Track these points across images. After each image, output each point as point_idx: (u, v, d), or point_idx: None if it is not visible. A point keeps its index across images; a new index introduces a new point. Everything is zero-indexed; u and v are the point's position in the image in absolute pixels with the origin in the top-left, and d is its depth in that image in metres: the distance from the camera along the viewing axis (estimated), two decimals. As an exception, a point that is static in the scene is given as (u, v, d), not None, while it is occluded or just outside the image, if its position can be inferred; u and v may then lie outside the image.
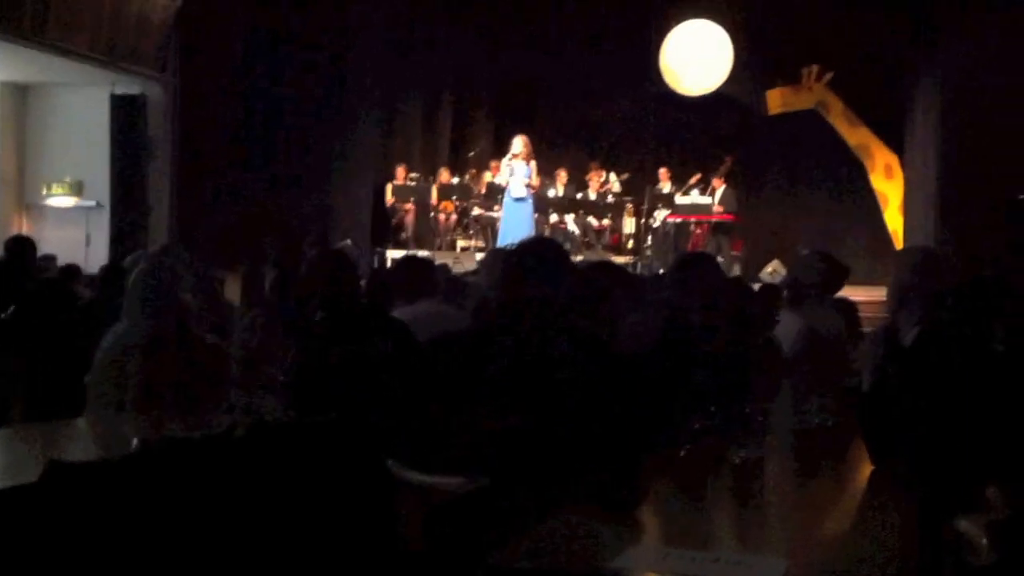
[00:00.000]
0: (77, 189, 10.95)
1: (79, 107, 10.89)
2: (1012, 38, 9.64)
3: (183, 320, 3.65)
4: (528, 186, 11.44)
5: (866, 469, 2.64)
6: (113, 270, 5.06)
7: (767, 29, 12.78)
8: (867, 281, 7.10)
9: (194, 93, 10.81)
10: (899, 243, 12.28)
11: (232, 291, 5.45)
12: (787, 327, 4.83)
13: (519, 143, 11.45)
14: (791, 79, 12.82)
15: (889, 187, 12.73)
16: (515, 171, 11.44)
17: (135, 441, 2.84)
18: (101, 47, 9.76)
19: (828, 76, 12.63)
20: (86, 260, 9.49)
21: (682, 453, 2.59)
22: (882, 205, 12.76)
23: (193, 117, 10.82)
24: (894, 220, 12.61)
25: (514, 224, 11.35)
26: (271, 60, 11.83)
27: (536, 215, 12.47)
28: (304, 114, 12.27)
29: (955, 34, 10.98)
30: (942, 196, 11.21)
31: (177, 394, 3.39)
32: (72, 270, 6.61)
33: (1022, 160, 9.51)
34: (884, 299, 3.06)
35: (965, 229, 10.26)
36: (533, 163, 11.50)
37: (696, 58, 13.24)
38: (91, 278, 6.31)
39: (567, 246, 12.14)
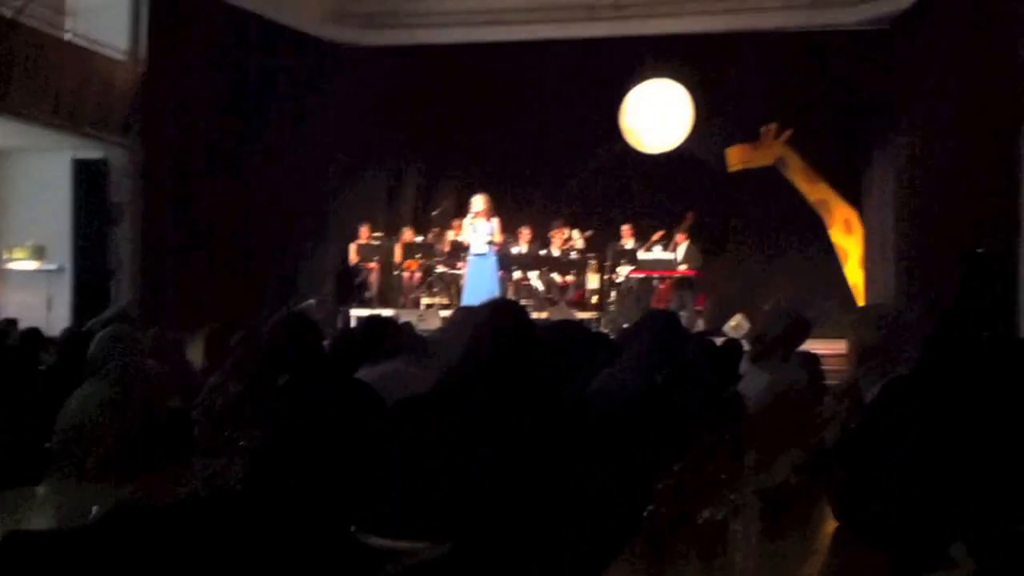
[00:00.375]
0: (39, 253, 10.88)
1: (41, 172, 10.89)
2: (967, 95, 9.87)
3: (146, 384, 3.62)
4: (491, 243, 11.53)
5: (831, 526, 2.65)
6: (75, 334, 5.00)
7: (726, 88, 13.06)
8: (830, 335, 7.16)
9: (158, 157, 10.83)
10: (860, 297, 12.44)
11: (196, 354, 5.40)
12: (751, 382, 4.86)
13: (480, 201, 11.63)
14: (751, 137, 13.05)
15: (849, 242, 12.92)
16: (477, 229, 11.55)
17: (95, 509, 2.80)
18: (64, 113, 9.79)
19: (787, 134, 12.87)
20: (48, 324, 9.38)
21: (645, 513, 2.58)
22: (842, 259, 12.93)
23: (156, 181, 10.82)
24: (854, 274, 12.79)
25: (478, 281, 11.43)
26: (234, 124, 11.88)
27: (500, 272, 12.52)
28: (268, 177, 12.33)
29: (912, 92, 11.26)
30: (901, 251, 11.40)
31: (140, 460, 3.34)
32: (33, 334, 6.52)
33: (980, 214, 9.68)
34: (847, 358, 3.09)
35: (924, 283, 10.41)
36: (495, 220, 11.63)
37: (657, 117, 13.48)
38: (53, 342, 6.23)
39: (531, 303, 12.21)
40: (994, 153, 9.43)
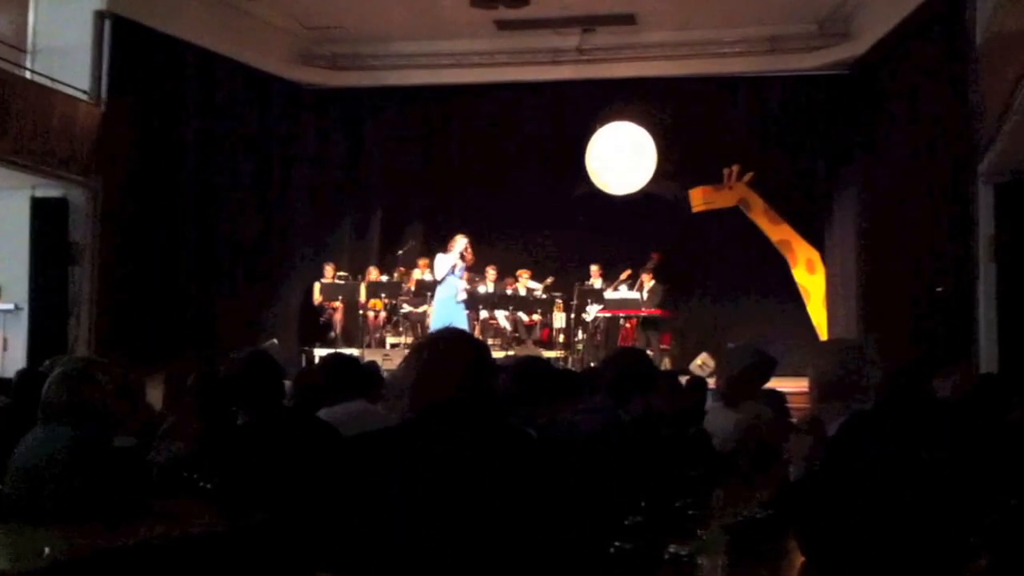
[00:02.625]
0: None
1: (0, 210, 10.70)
2: (923, 137, 10.05)
3: (101, 426, 3.54)
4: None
5: (797, 560, 2.63)
6: (29, 375, 4.89)
7: (688, 131, 13.22)
8: (794, 372, 7.19)
9: (118, 196, 10.73)
10: (823, 336, 12.54)
11: (154, 396, 5.31)
12: (718, 419, 4.86)
13: (465, 244, 11.75)
14: (713, 178, 13.19)
15: (811, 281, 13.04)
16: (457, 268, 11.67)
17: (46, 551, 2.72)
18: (24, 152, 9.70)
19: (749, 176, 13.02)
20: (3, 364, 9.26)
21: (612, 550, 2.56)
22: (805, 299, 13.05)
23: (116, 221, 10.72)
24: (817, 313, 12.90)
25: (452, 321, 11.42)
26: (197, 162, 11.83)
27: (468, 312, 12.52)
28: (230, 216, 12.30)
29: (870, 135, 11.46)
30: (862, 290, 11.53)
31: (95, 502, 3.26)
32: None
33: (938, 253, 9.82)
34: (809, 393, 3.10)
35: (884, 322, 10.53)
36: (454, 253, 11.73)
37: (620, 159, 13.60)
38: (7, 383, 6.10)
39: (497, 342, 12.19)
40: (950, 193, 9.60)
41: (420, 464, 2.34)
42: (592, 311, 12.70)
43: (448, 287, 11.80)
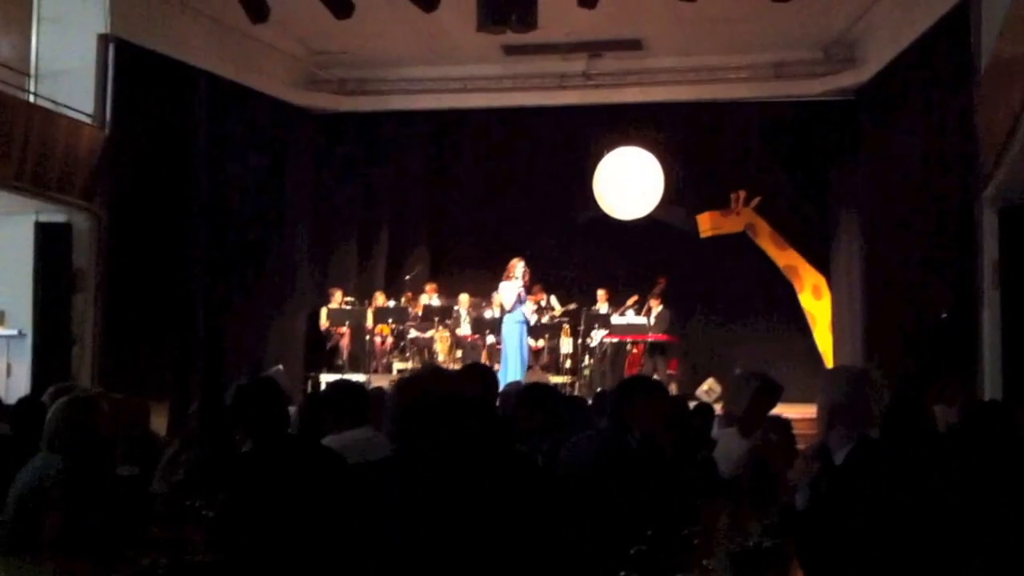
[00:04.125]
0: None
1: (2, 235, 10.56)
2: (928, 163, 10.05)
3: (102, 455, 3.52)
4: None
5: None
6: (30, 403, 4.88)
7: (695, 156, 13.25)
8: (800, 399, 7.16)
9: (122, 222, 10.64)
10: (829, 362, 12.49)
11: (159, 423, 5.30)
12: (725, 447, 4.83)
13: (523, 269, 11.62)
14: (720, 204, 13.20)
15: (817, 307, 13.02)
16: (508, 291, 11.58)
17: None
18: (27, 176, 9.58)
19: (756, 201, 13.03)
20: (6, 391, 9.14)
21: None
22: (811, 325, 13.01)
23: (121, 246, 10.61)
24: (823, 339, 12.86)
25: (520, 344, 11.53)
26: (201, 188, 11.75)
27: (475, 336, 12.50)
28: (235, 241, 12.24)
29: (875, 161, 11.46)
30: (866, 316, 11.49)
31: (96, 532, 3.24)
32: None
33: (943, 281, 9.79)
34: (816, 419, 3.07)
35: (889, 347, 10.48)
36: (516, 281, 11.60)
37: (628, 185, 13.60)
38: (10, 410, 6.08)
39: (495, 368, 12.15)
40: (954, 219, 9.58)
41: (423, 493, 2.32)
42: (597, 336, 12.67)
43: (516, 314, 11.62)
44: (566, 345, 12.98)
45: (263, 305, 12.58)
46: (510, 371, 11.33)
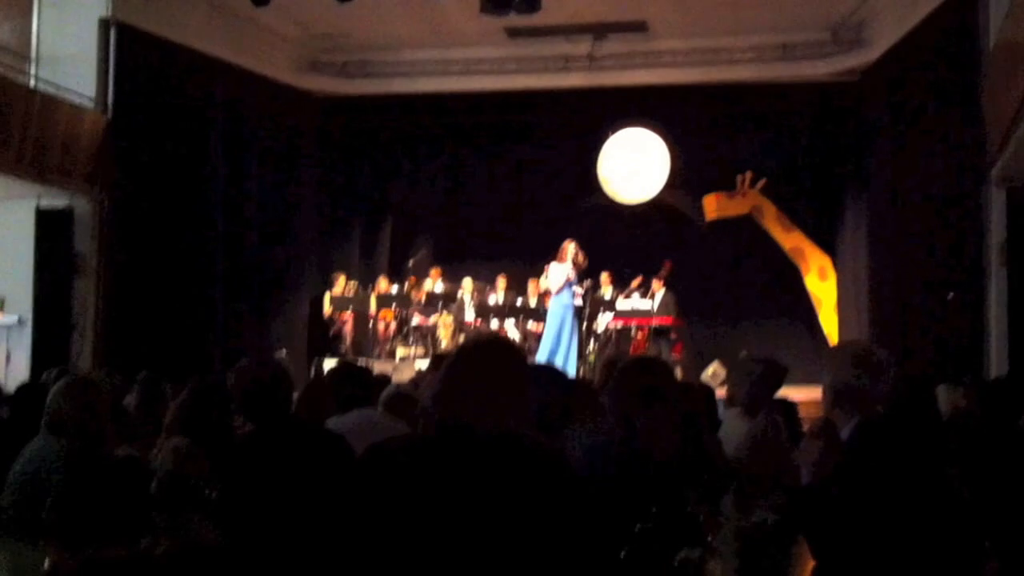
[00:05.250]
0: None
1: (3, 221, 10.54)
2: (935, 143, 9.99)
3: (100, 438, 3.50)
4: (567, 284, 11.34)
5: (809, 565, 2.59)
6: (30, 388, 4.87)
7: (701, 138, 13.16)
8: (806, 381, 7.13)
9: (123, 207, 10.58)
10: (834, 343, 12.44)
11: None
12: (733, 428, 4.80)
13: (576, 251, 11.43)
14: (726, 186, 13.13)
15: (823, 289, 12.97)
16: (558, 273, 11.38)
17: (47, 564, 2.69)
18: (27, 161, 9.54)
19: (762, 182, 12.97)
20: (6, 378, 9.09)
21: (622, 555, 2.51)
22: (816, 307, 12.97)
23: (122, 232, 10.56)
24: (829, 321, 12.81)
25: (566, 326, 11.35)
26: (203, 172, 11.71)
27: (479, 322, 12.46)
28: (237, 226, 12.18)
29: (882, 142, 11.39)
30: (873, 297, 11.45)
31: (95, 514, 3.22)
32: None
33: (949, 261, 9.74)
34: (821, 398, 3.04)
35: (895, 329, 10.45)
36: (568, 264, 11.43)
37: (632, 167, 13.52)
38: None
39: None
40: (961, 199, 9.53)
41: (432, 477, 2.28)
42: (603, 321, 12.64)
43: (563, 296, 11.44)
44: (569, 330, 12.92)
45: (267, 290, 12.56)
46: (550, 353, 11.18)
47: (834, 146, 12.81)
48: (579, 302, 11.60)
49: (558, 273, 11.47)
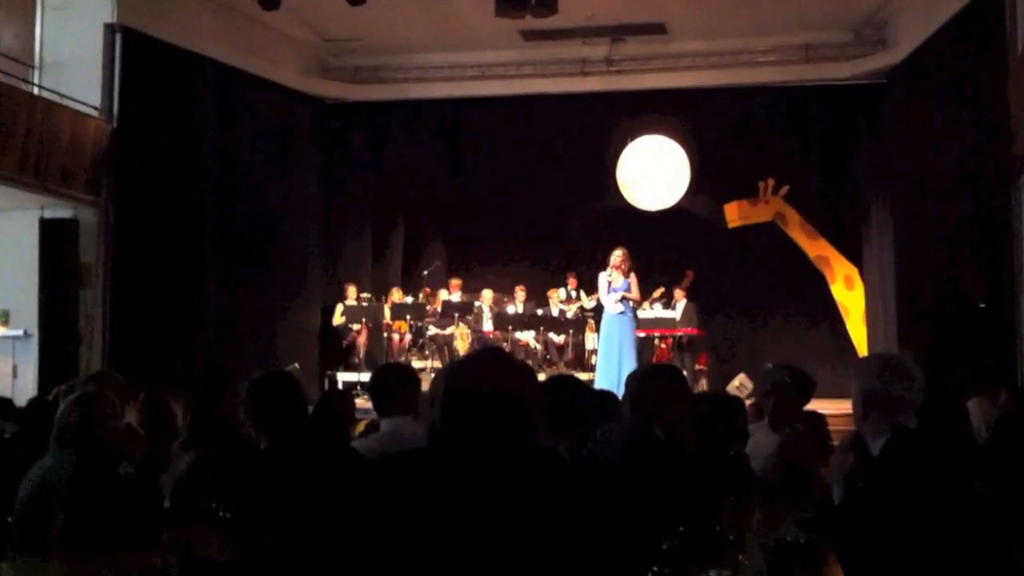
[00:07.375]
0: (3, 318, 10.47)
1: (6, 232, 10.42)
2: (962, 147, 9.81)
3: (111, 453, 3.44)
4: (624, 299, 10.69)
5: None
6: (39, 403, 4.83)
7: (722, 143, 12.93)
8: (834, 393, 6.97)
9: (129, 216, 10.43)
10: (863, 353, 12.24)
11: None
12: (759, 442, 4.69)
13: (618, 255, 10.82)
14: (748, 192, 12.95)
15: (850, 298, 12.76)
16: (612, 284, 10.69)
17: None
18: (30, 170, 9.40)
19: (784, 189, 12.79)
20: (13, 392, 8.93)
21: (650, 574, 2.43)
22: (844, 316, 12.76)
23: (128, 241, 10.40)
24: (857, 331, 12.60)
25: (611, 340, 10.69)
26: (211, 180, 11.55)
27: (497, 332, 12.33)
28: (247, 235, 12.00)
29: (907, 146, 11.19)
30: (901, 306, 11.25)
31: (105, 532, 3.15)
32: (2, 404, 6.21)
33: (978, 267, 9.56)
34: (852, 410, 2.94)
35: (924, 338, 10.24)
36: (633, 276, 10.81)
37: (653, 174, 13.31)
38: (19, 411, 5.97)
39: (528, 363, 11.92)
40: (990, 205, 9.35)
41: (445, 489, 2.20)
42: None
43: (608, 307, 10.81)
44: (591, 341, 12.80)
45: (274, 300, 12.31)
46: (603, 369, 10.56)
47: (859, 151, 12.61)
48: (617, 308, 10.72)
49: (600, 282, 10.92)
